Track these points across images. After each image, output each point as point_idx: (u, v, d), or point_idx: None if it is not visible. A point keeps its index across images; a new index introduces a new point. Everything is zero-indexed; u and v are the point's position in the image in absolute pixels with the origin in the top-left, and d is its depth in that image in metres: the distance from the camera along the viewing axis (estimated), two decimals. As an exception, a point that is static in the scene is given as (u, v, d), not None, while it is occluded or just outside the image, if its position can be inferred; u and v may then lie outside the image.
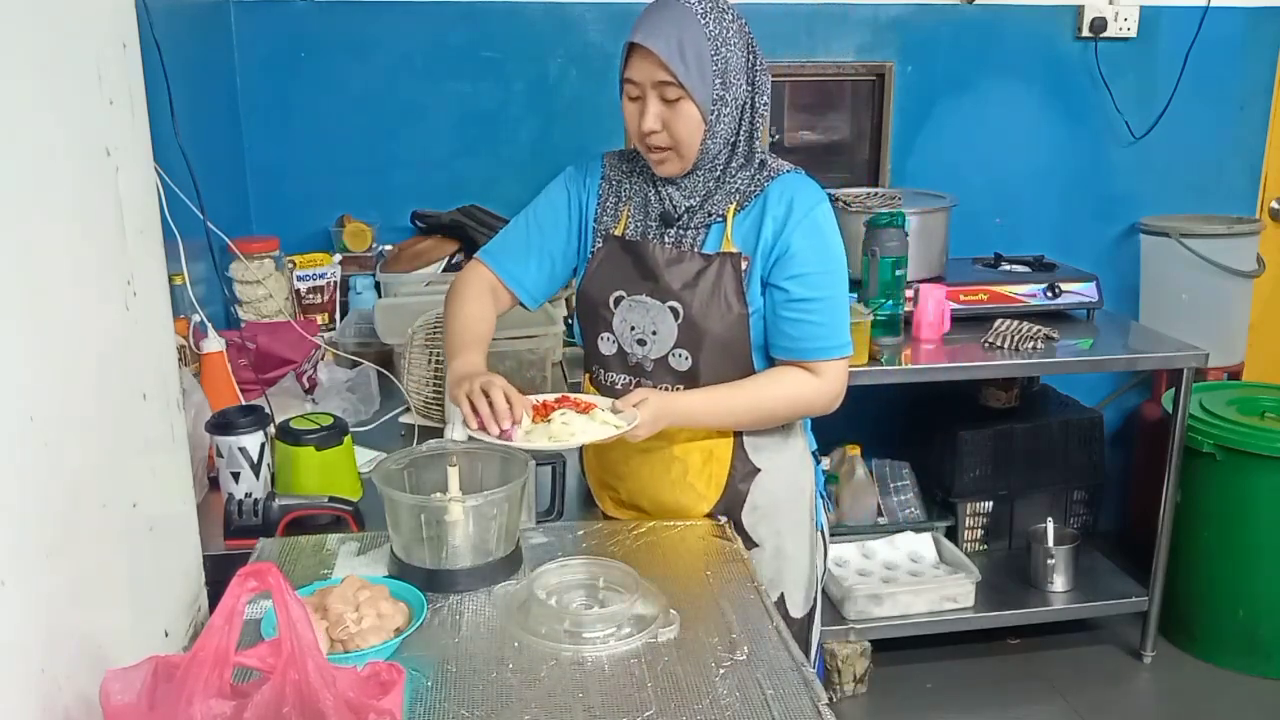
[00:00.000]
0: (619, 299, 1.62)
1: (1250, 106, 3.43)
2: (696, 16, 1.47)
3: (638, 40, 1.48)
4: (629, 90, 1.53)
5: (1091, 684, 2.92)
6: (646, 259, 1.59)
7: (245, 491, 1.65)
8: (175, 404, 1.32)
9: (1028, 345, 2.75)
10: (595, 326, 1.66)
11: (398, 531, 1.40)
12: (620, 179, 1.67)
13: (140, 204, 1.21)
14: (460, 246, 2.95)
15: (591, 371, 1.72)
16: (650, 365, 1.61)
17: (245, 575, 0.95)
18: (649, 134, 1.52)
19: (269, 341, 2.21)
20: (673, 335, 1.58)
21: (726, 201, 1.57)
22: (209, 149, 2.49)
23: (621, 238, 1.63)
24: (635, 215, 1.63)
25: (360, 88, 3.02)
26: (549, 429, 1.45)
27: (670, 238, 1.59)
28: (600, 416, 1.48)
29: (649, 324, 1.60)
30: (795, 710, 1.12)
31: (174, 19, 2.08)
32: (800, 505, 1.70)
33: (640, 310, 1.60)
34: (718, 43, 1.48)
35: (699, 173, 1.57)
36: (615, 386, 1.66)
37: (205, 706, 0.91)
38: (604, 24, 3.07)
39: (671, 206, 1.59)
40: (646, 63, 1.48)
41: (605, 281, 1.63)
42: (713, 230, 1.58)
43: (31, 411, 0.90)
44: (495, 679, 1.18)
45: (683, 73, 1.46)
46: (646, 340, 1.60)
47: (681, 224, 1.59)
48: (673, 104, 1.49)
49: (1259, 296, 3.37)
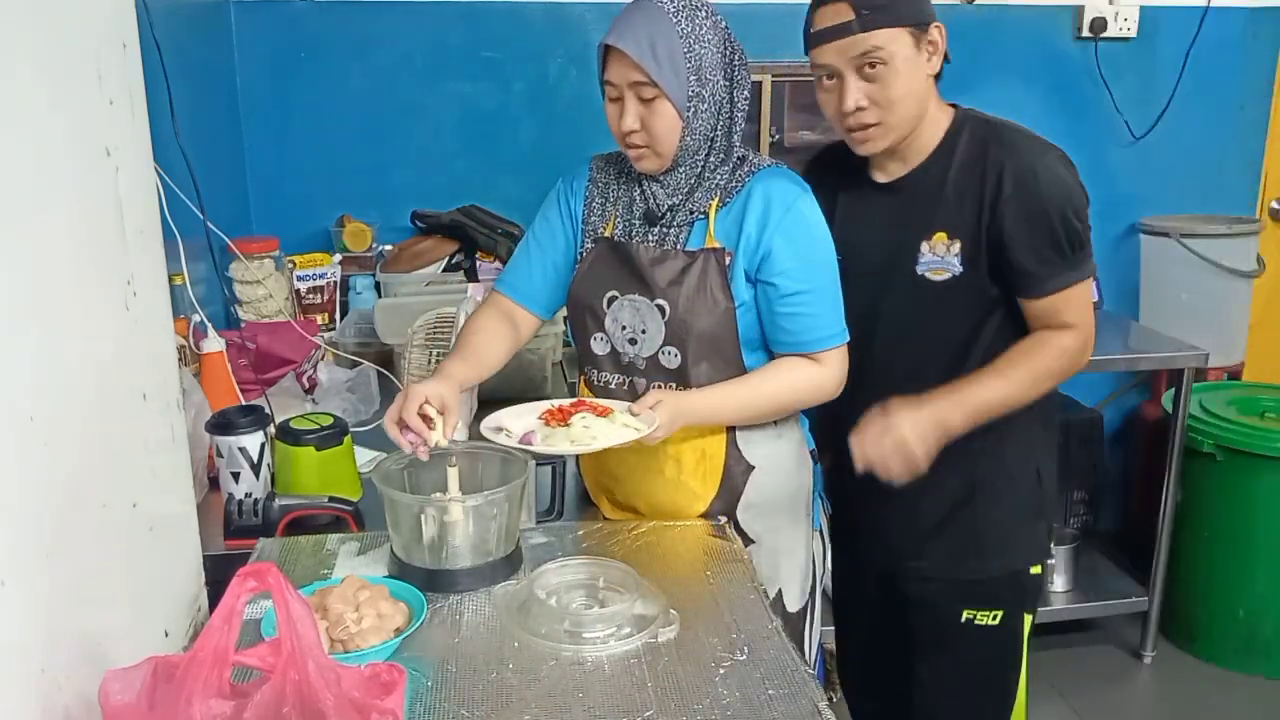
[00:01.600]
0: (612, 299, 1.62)
1: (1250, 106, 3.43)
2: (668, 15, 1.50)
3: (610, 42, 1.50)
4: (609, 91, 1.56)
5: (1091, 684, 2.92)
6: (633, 259, 1.60)
7: (245, 491, 1.65)
8: (175, 404, 1.32)
9: (1028, 345, 2.74)
10: (587, 327, 1.67)
11: (398, 531, 1.40)
12: (608, 181, 1.68)
13: (140, 204, 1.21)
14: (460, 246, 2.95)
15: (585, 372, 1.72)
16: (642, 364, 1.62)
17: (245, 575, 0.95)
18: (628, 133, 1.54)
19: (269, 341, 2.21)
20: (661, 333, 1.59)
21: (708, 198, 1.58)
22: (209, 149, 2.49)
23: (610, 239, 1.64)
24: (622, 215, 1.64)
25: (360, 88, 3.02)
26: (569, 433, 1.45)
27: (654, 236, 1.61)
28: (620, 419, 1.48)
29: (639, 323, 1.60)
30: (795, 710, 1.12)
31: (174, 19, 2.08)
32: (797, 503, 1.70)
33: (631, 309, 1.61)
34: (691, 40, 1.50)
35: (680, 169, 1.59)
36: (609, 386, 1.66)
37: (205, 706, 0.91)
38: (604, 24, 3.01)
39: (655, 205, 1.60)
40: (621, 64, 1.51)
41: (596, 282, 1.64)
42: (695, 227, 1.59)
43: (31, 411, 0.90)
44: (495, 679, 1.18)
45: (655, 71, 1.48)
46: (637, 339, 1.61)
47: (665, 222, 1.60)
48: (649, 103, 1.51)
49: (1259, 296, 3.37)
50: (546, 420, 1.51)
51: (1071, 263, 1.60)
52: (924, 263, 1.64)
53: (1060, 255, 1.59)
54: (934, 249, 1.64)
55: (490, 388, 2.23)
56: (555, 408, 1.53)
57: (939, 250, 1.63)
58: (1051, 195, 1.57)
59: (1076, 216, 1.59)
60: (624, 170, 1.67)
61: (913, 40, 1.55)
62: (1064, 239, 1.58)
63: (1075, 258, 1.60)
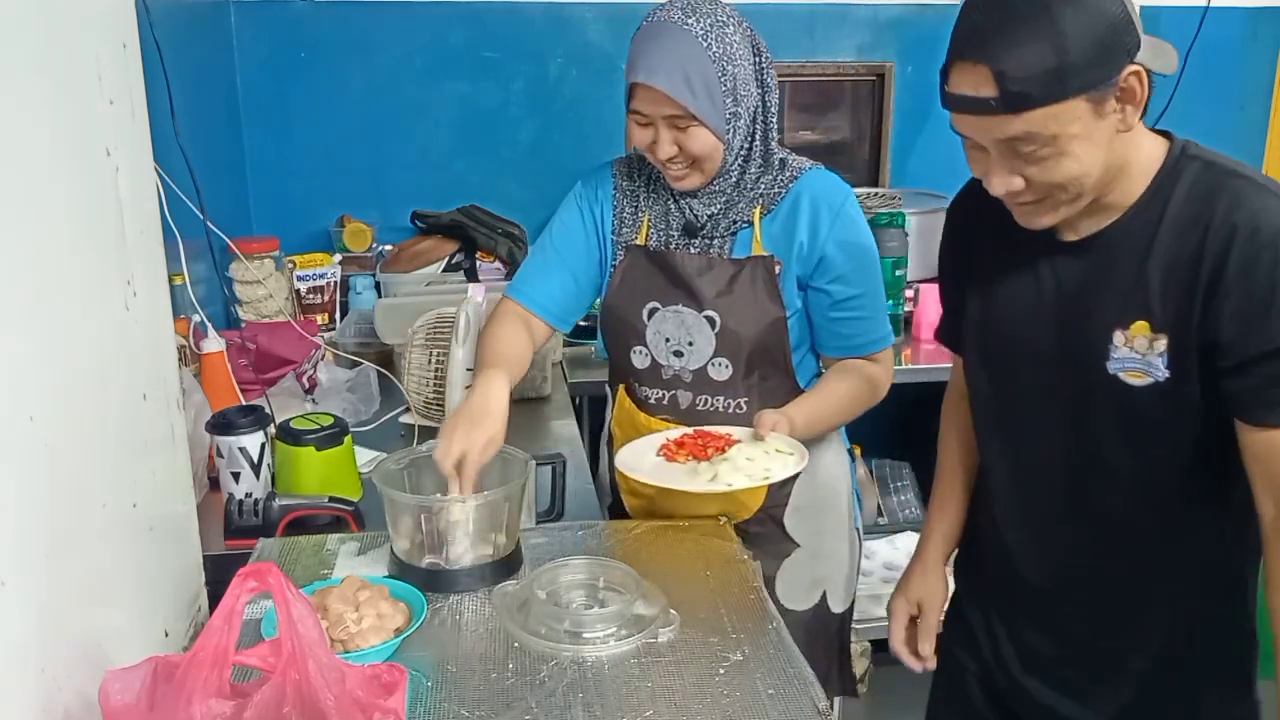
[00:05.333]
0: (653, 310, 1.58)
1: (1250, 106, 3.43)
2: (698, 39, 1.42)
3: (641, 80, 1.43)
4: (636, 118, 1.49)
5: (1092, 684, 2.91)
6: (676, 269, 1.56)
7: (245, 491, 1.65)
8: (175, 404, 1.32)
9: (1029, 345, 2.72)
10: (626, 339, 1.62)
11: (398, 531, 1.40)
12: (635, 189, 1.63)
13: (140, 204, 1.21)
14: (460, 246, 2.95)
15: (626, 384, 1.67)
16: (689, 377, 1.58)
17: (245, 575, 0.95)
18: (668, 160, 1.49)
19: (269, 341, 2.21)
20: (711, 345, 1.55)
21: (750, 207, 1.55)
22: (209, 149, 2.49)
23: (645, 248, 1.60)
24: (656, 224, 1.60)
25: (360, 88, 3.02)
26: (734, 465, 1.40)
27: (696, 246, 1.57)
28: (761, 445, 1.44)
29: (684, 335, 1.56)
30: (795, 710, 1.12)
31: (174, 19, 2.08)
32: (839, 504, 1.70)
33: (675, 321, 1.57)
34: (724, 62, 1.44)
35: (716, 181, 1.54)
36: (649, 401, 1.63)
37: (205, 706, 0.91)
38: (604, 24, 3.07)
39: (694, 216, 1.56)
40: (653, 97, 1.44)
41: (634, 293, 1.60)
42: (740, 236, 1.56)
43: (31, 411, 0.90)
44: (495, 679, 1.18)
45: (692, 104, 1.43)
46: (683, 351, 1.57)
47: (707, 232, 1.56)
48: (685, 130, 1.46)
49: (1259, 296, 3.37)
50: (668, 455, 1.46)
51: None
52: (1117, 359, 1.18)
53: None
54: (1133, 343, 1.17)
55: (490, 388, 2.23)
56: (672, 441, 1.48)
57: (1140, 346, 1.17)
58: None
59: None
60: (653, 178, 1.62)
61: (1091, 109, 1.07)
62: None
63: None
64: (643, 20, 1.48)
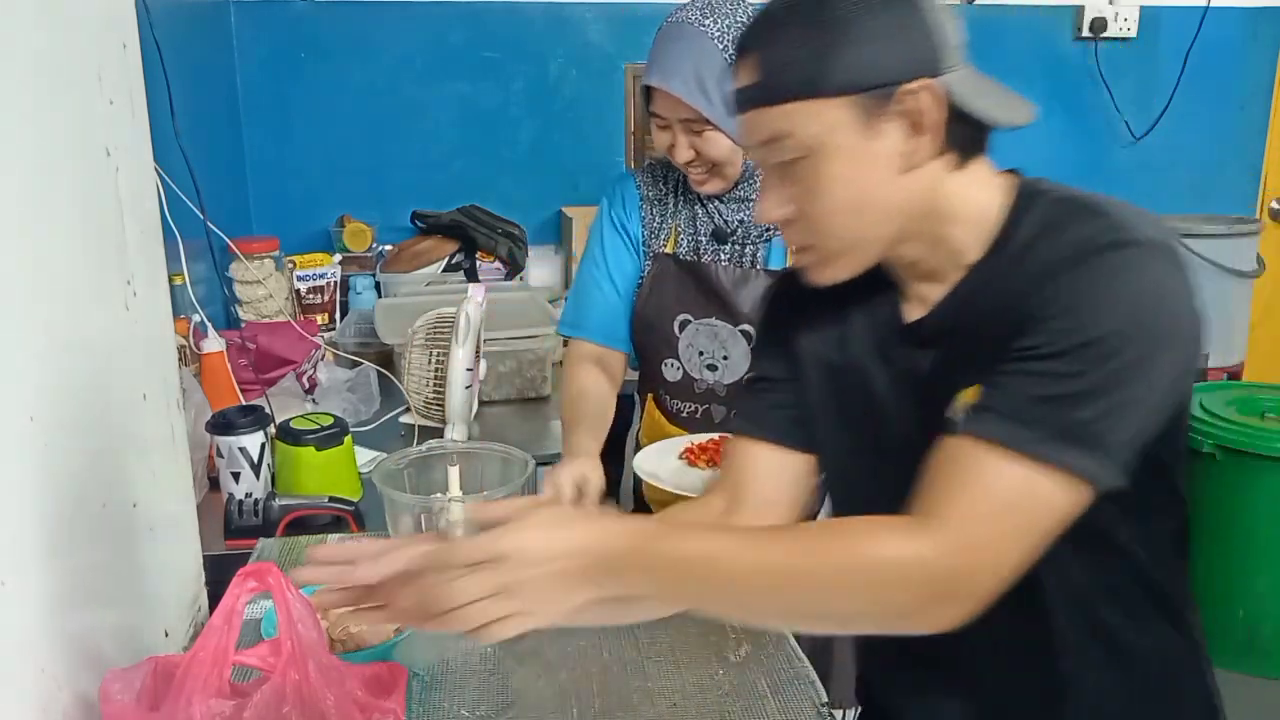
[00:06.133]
0: (685, 323, 1.56)
1: (1250, 106, 3.43)
2: (713, 40, 1.41)
3: (655, 84, 1.42)
4: (656, 121, 1.48)
5: (1092, 684, 2.91)
6: (710, 280, 1.54)
7: (245, 491, 1.65)
8: (175, 404, 1.32)
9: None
10: (658, 351, 1.60)
11: (398, 531, 1.40)
12: (661, 195, 1.61)
13: (140, 204, 1.21)
14: (460, 246, 2.95)
15: (656, 395, 1.65)
16: (723, 391, 1.56)
17: (245, 575, 0.95)
18: (686, 164, 1.49)
19: (269, 341, 2.21)
20: (746, 359, 1.52)
21: None
22: (209, 149, 2.49)
23: (674, 256, 1.58)
24: (684, 231, 1.58)
25: (360, 88, 3.02)
26: None
27: (727, 255, 1.54)
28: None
29: (718, 349, 1.54)
30: (795, 710, 1.12)
31: (174, 19, 2.08)
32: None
33: (709, 334, 1.54)
34: None
35: (741, 186, 1.53)
36: (681, 415, 1.61)
37: (205, 706, 0.91)
38: (604, 24, 3.07)
39: (723, 222, 1.55)
40: (668, 100, 1.43)
41: (665, 304, 1.57)
42: (774, 244, 1.53)
43: (31, 411, 0.90)
44: (495, 679, 1.18)
45: (707, 108, 1.41)
46: (717, 365, 1.55)
47: (737, 239, 1.54)
48: (701, 134, 1.45)
49: (1259, 296, 3.37)
50: (690, 460, 1.45)
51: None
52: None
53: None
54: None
55: (490, 389, 2.24)
56: (696, 445, 1.47)
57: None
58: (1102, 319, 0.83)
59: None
60: (678, 184, 1.60)
61: (858, 120, 0.88)
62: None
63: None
64: (664, 20, 1.47)
